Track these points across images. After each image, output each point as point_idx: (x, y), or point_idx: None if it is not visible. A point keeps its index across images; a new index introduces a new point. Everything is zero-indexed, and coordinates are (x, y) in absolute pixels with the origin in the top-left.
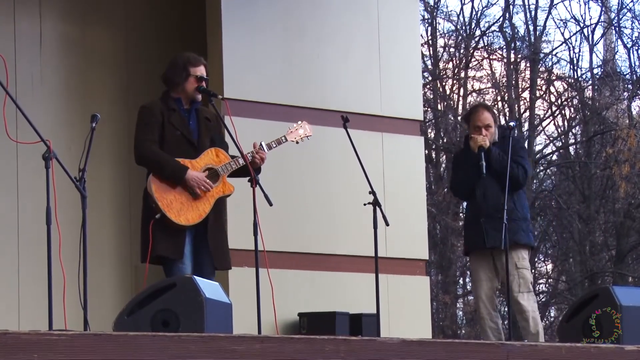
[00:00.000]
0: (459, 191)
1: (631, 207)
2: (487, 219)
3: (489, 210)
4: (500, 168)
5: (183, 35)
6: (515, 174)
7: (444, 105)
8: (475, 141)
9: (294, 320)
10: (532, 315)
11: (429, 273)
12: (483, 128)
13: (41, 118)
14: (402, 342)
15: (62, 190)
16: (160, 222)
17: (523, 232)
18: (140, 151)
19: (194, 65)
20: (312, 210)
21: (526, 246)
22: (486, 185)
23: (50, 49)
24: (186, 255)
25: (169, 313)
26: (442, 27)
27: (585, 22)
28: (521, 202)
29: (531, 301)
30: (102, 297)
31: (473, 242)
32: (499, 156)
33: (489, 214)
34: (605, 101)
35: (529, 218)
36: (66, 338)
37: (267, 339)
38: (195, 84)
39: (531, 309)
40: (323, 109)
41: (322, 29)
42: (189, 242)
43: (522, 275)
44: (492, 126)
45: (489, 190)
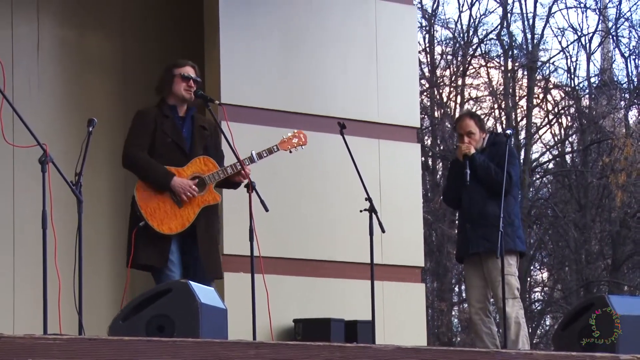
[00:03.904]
0: (447, 199)
1: (627, 216)
2: (472, 226)
3: (474, 216)
4: (485, 175)
5: (181, 40)
6: (499, 179)
7: (441, 112)
8: (460, 149)
9: (289, 327)
10: (515, 322)
11: (424, 280)
12: (465, 135)
13: (38, 122)
14: (397, 349)
15: (58, 194)
16: (145, 229)
17: (508, 238)
18: (127, 156)
19: (178, 66)
20: (308, 216)
21: (513, 252)
22: (471, 192)
23: (48, 54)
24: (174, 262)
25: (164, 318)
26: (439, 34)
27: (582, 30)
28: (509, 208)
29: (515, 307)
30: (97, 302)
31: (463, 248)
32: (484, 163)
33: (473, 220)
34: (602, 110)
35: (518, 224)
36: (61, 342)
37: (262, 345)
38: (182, 82)
39: (514, 315)
40: (320, 115)
41: (320, 35)
42: (177, 250)
43: (507, 282)
44: (475, 133)
45: (474, 197)
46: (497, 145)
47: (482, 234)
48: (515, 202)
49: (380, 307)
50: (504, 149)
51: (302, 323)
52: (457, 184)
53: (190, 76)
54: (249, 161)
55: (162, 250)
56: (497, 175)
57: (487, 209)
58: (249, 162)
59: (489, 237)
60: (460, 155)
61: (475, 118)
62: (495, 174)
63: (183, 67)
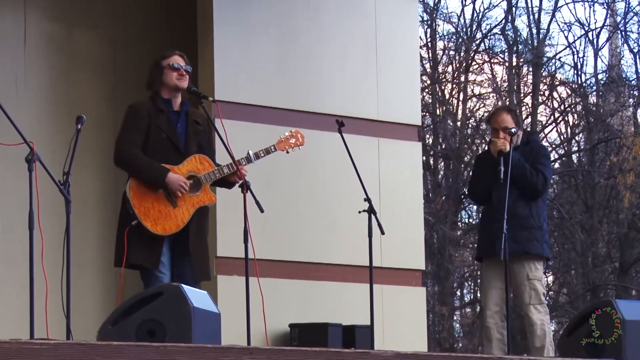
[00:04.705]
0: (475, 194)
1: (635, 218)
2: (501, 226)
3: (503, 216)
4: (519, 175)
5: (173, 35)
6: (533, 181)
7: (443, 110)
8: (495, 145)
9: (284, 332)
10: (540, 329)
11: (425, 284)
12: (501, 130)
13: (25, 119)
14: (396, 355)
15: (45, 194)
16: (137, 229)
17: (537, 242)
18: (120, 153)
19: (166, 57)
20: (304, 217)
21: (541, 257)
22: (503, 190)
23: (35, 49)
24: (164, 264)
25: (155, 322)
26: (441, 29)
27: (590, 25)
28: (539, 210)
29: (542, 314)
30: (86, 305)
31: (486, 248)
32: (519, 162)
33: (503, 221)
34: (610, 108)
35: (545, 228)
36: (48, 347)
37: (256, 351)
38: (172, 72)
39: (540, 322)
40: (318, 112)
41: (317, 30)
42: (168, 251)
43: (533, 287)
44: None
45: (505, 196)
46: (531, 145)
47: (511, 235)
48: (544, 206)
49: (379, 312)
50: (537, 149)
51: (299, 328)
52: (488, 180)
53: (181, 65)
54: (245, 161)
55: (155, 251)
56: (532, 177)
57: (518, 210)
58: (246, 162)
59: (519, 239)
60: (495, 151)
61: (512, 113)
62: (531, 175)
63: (171, 57)
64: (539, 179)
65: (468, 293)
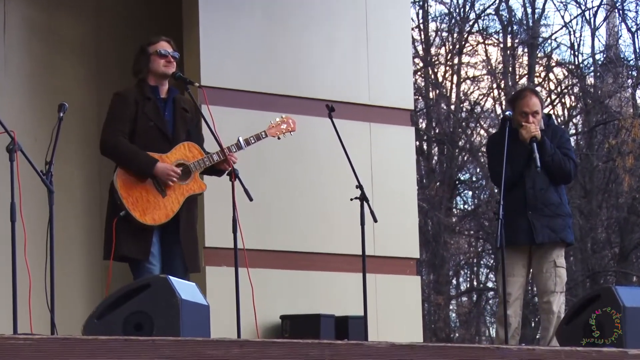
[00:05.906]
0: (500, 178)
1: (635, 202)
2: (535, 214)
3: (538, 204)
4: (552, 162)
5: (157, 20)
6: (567, 168)
7: (436, 93)
8: (528, 131)
9: (275, 323)
10: (557, 317)
11: (420, 272)
12: (530, 115)
13: (5, 107)
14: (391, 346)
15: (27, 184)
16: (125, 220)
17: (570, 230)
18: (106, 142)
19: (152, 43)
20: (295, 205)
21: (565, 244)
22: (535, 178)
23: (15, 34)
24: (154, 255)
25: (142, 315)
26: (434, 9)
27: (586, 4)
28: (565, 197)
29: (561, 303)
30: (70, 299)
31: (514, 235)
32: (551, 149)
33: (538, 208)
34: (608, 89)
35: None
36: (32, 343)
37: (246, 343)
38: (159, 59)
39: (557, 312)
40: (307, 97)
41: (306, 11)
42: (157, 241)
43: (559, 274)
44: (540, 113)
45: (538, 183)
46: (552, 129)
47: (546, 223)
48: (565, 191)
49: (373, 302)
50: (560, 133)
51: (290, 319)
52: (521, 166)
53: (168, 52)
54: (235, 148)
55: (144, 242)
56: (564, 164)
57: (551, 197)
58: (236, 149)
59: (555, 227)
60: (527, 138)
61: (539, 96)
62: (564, 162)
63: (158, 44)
64: (571, 165)
65: (464, 281)
